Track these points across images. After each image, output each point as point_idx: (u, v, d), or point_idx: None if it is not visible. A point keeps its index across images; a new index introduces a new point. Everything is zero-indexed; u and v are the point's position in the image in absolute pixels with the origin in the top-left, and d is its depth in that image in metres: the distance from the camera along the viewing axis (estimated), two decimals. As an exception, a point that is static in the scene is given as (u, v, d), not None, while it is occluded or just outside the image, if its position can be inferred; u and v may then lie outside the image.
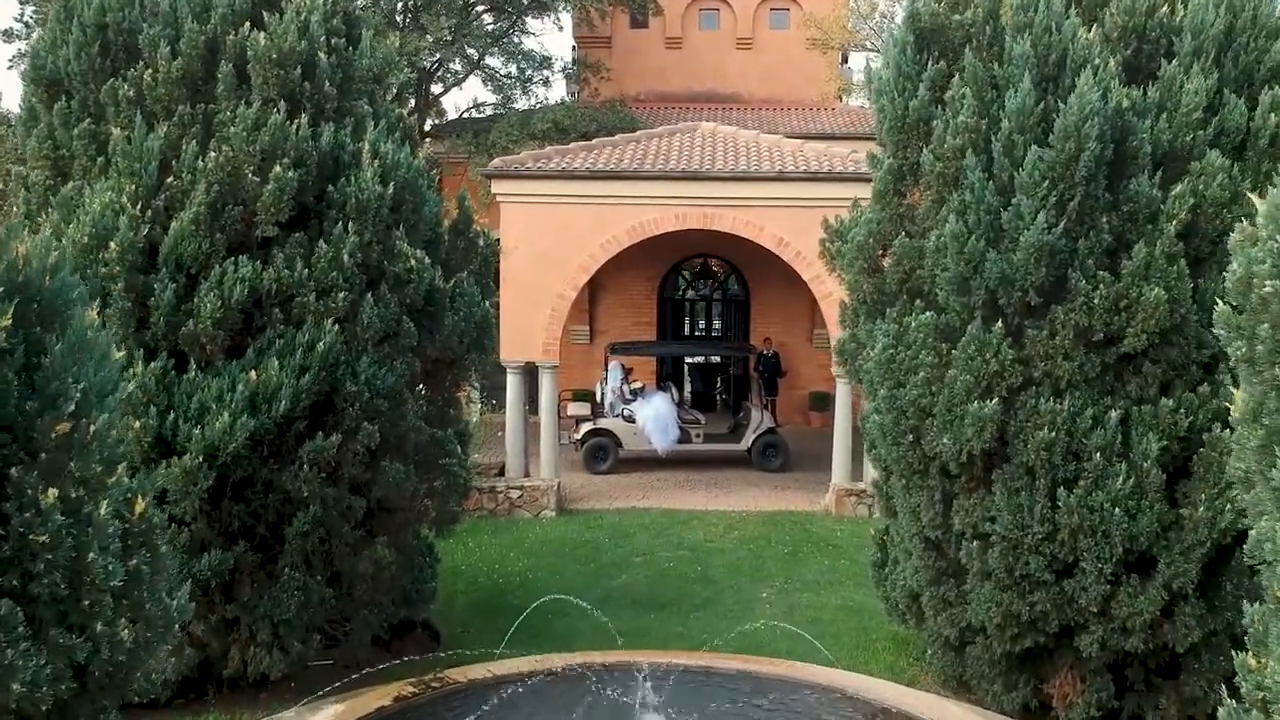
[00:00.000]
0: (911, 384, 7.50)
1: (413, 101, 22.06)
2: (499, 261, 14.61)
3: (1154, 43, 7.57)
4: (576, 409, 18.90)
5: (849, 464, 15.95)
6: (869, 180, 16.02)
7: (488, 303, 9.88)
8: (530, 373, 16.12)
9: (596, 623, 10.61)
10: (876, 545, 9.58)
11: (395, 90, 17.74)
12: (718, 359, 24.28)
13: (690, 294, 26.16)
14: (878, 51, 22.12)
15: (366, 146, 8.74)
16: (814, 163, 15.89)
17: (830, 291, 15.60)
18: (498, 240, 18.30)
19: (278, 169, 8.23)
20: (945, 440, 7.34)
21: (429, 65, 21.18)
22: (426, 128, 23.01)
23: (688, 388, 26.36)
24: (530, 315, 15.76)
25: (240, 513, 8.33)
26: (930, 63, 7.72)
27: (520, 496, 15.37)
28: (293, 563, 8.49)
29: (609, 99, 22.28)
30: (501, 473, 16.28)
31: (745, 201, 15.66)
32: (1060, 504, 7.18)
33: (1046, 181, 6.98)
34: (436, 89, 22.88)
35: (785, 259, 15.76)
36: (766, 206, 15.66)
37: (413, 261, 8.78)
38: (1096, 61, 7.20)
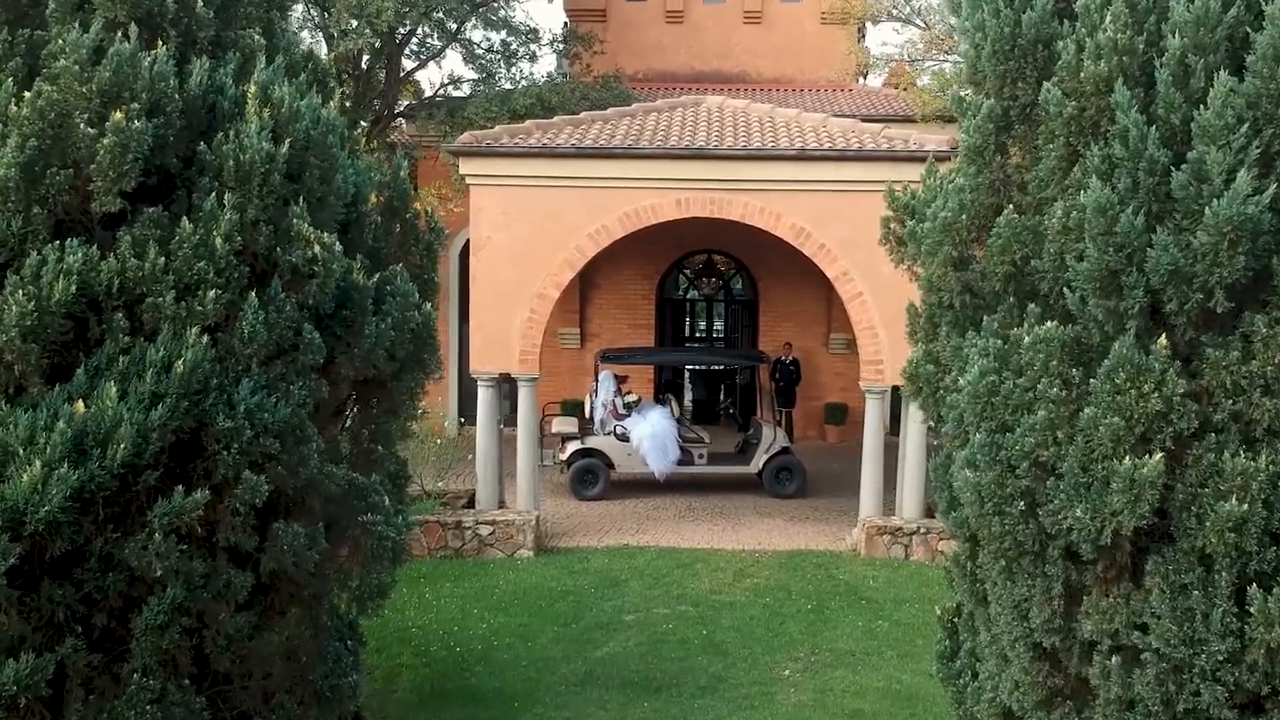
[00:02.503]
0: (1025, 426, 5.11)
1: (384, 76, 19.66)
2: (470, 252, 12.32)
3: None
4: (562, 425, 16.50)
5: (880, 494, 13.56)
6: (908, 160, 13.69)
7: (430, 305, 7.51)
8: (513, 385, 13.74)
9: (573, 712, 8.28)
10: (944, 629, 7.18)
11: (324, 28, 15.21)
12: (723, 367, 21.96)
13: (693, 294, 23.80)
14: (905, 21, 19.75)
15: (253, 90, 6.36)
16: (840, 140, 13.49)
17: (859, 291, 13.24)
18: (470, 233, 16.02)
19: (118, 116, 5.84)
20: (1078, 512, 4.96)
21: (398, 34, 18.76)
22: (398, 109, 20.64)
23: (689, 395, 24.05)
24: (505, 318, 13.36)
25: (68, 598, 5.94)
26: (1050, -41, 5.33)
27: (492, 533, 12.96)
28: (145, 664, 6.10)
29: (603, 74, 19.86)
30: (471, 503, 13.88)
31: (759, 185, 13.26)
32: (1252, 609, 4.80)
33: (1245, 125, 4.60)
34: (409, 64, 20.46)
35: (807, 253, 13.37)
36: (784, 191, 13.27)
37: (317, 248, 6.39)
38: (1308, -52, 4.81)
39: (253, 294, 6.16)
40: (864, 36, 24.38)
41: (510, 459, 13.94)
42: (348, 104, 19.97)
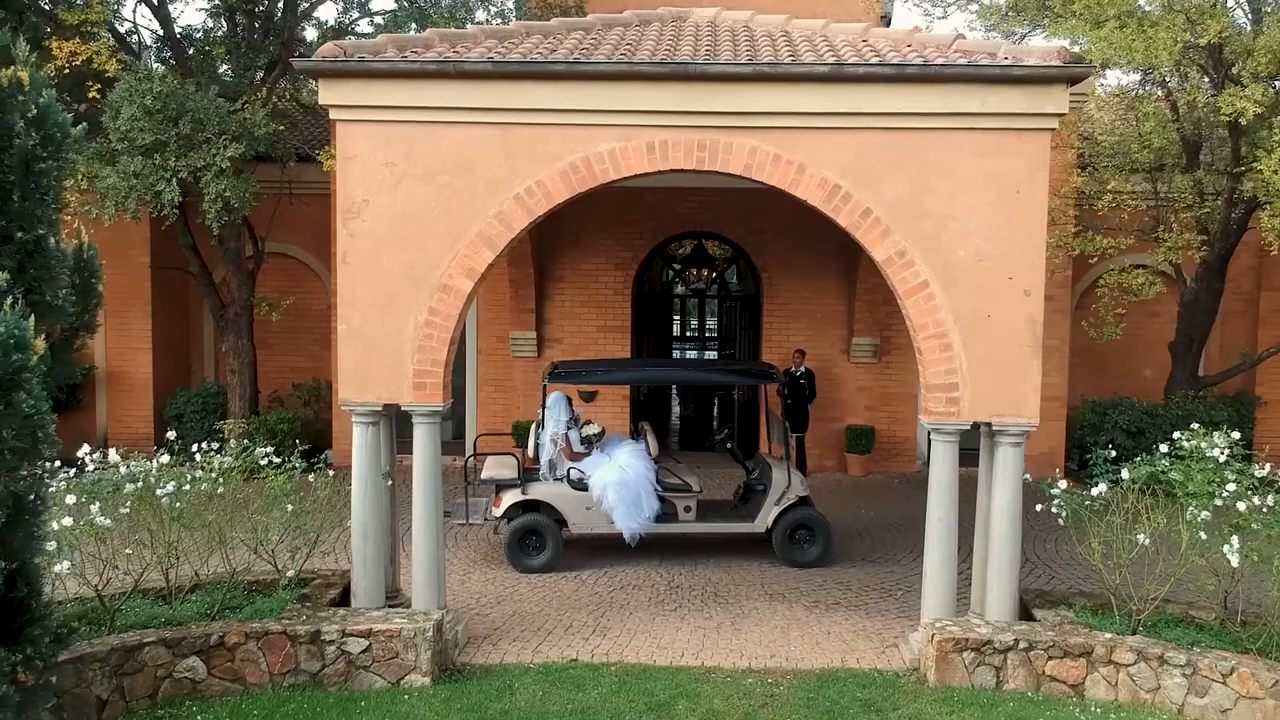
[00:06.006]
0: None
1: (281, 5, 15.22)
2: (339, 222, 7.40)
3: None
4: (496, 469, 12.06)
5: (953, 587, 9.11)
6: (1001, 82, 8.98)
7: (14, 297, 3.10)
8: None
9: None
10: None
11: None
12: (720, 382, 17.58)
13: (680, 288, 19.45)
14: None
15: None
16: (892, 55, 9.08)
17: (924, 281, 8.83)
18: (338, 194, 11.88)
19: None
20: None
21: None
22: (300, 53, 16.16)
23: (675, 412, 19.74)
24: (393, 322, 8.93)
25: None
26: None
27: (366, 651, 8.50)
28: None
29: (561, 4, 15.40)
30: (345, 598, 9.43)
31: (772, 121, 8.84)
32: None
33: None
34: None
35: (842, 223, 8.93)
36: (810, 129, 8.84)
37: None
38: None
39: None
40: (890, -29, 19.93)
41: (409, 517, 9.49)
42: (242, 47, 15.57)
